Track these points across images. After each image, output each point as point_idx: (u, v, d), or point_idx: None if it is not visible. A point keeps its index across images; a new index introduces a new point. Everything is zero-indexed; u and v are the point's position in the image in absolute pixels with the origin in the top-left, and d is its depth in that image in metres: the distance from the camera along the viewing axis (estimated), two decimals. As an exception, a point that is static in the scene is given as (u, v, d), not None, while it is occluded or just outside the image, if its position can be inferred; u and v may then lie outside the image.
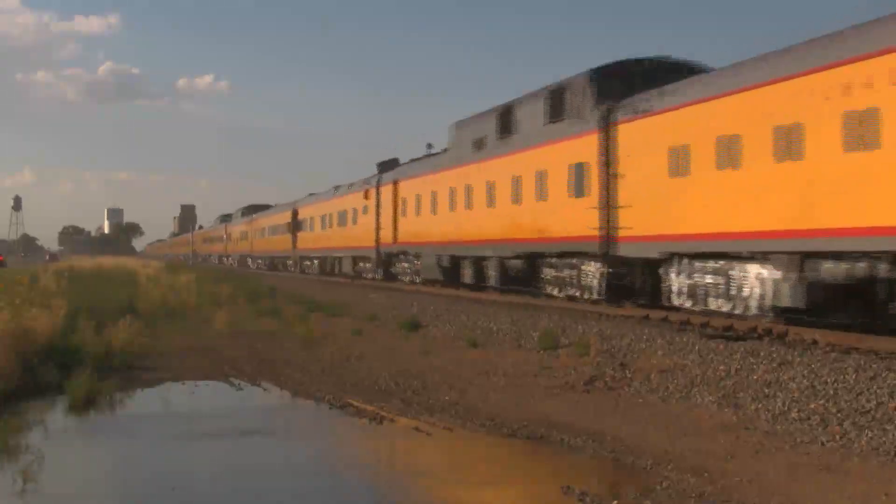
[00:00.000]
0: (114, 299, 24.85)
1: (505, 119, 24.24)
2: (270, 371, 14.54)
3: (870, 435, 8.46)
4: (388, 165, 37.74)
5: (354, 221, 40.19)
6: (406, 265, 34.07)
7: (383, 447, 9.92)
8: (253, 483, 8.11)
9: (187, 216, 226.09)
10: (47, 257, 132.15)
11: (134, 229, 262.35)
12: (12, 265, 79.84)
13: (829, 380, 10.19)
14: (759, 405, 9.93)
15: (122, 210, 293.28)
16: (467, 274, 27.24)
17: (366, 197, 37.83)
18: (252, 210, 77.60)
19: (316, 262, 51.04)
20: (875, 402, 9.19)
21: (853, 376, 10.18)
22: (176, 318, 22.82)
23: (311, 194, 54.90)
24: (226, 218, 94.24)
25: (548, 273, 22.36)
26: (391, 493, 8.01)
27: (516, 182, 23.14)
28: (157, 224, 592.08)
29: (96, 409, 11.45)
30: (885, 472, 7.63)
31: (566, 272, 21.41)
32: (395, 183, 33.81)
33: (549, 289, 22.30)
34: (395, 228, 33.63)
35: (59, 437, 10.16)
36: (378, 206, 35.97)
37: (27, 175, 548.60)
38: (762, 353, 11.95)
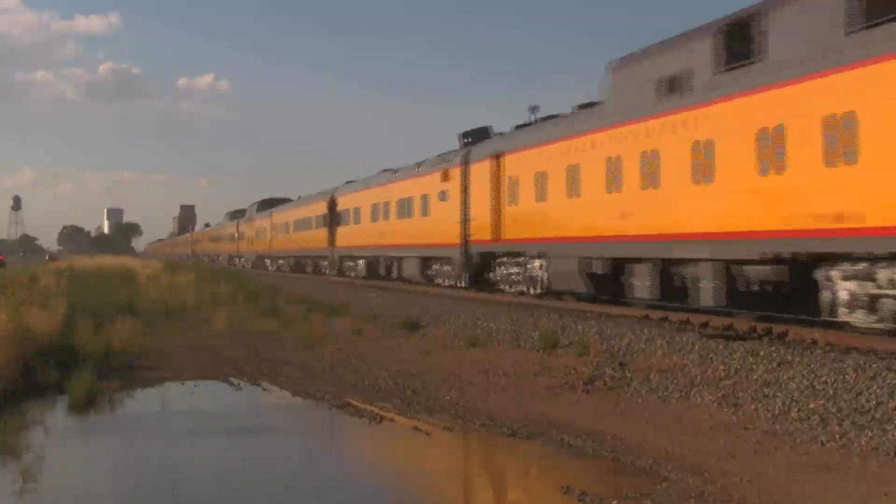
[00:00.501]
0: (114, 299, 24.91)
1: (735, 39, 15.54)
2: (270, 371, 14.55)
3: (870, 435, 8.47)
4: (477, 136, 29.34)
5: (425, 211, 31.29)
6: (515, 271, 24.93)
7: (383, 447, 9.92)
8: (253, 482, 8.11)
9: (187, 216, 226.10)
10: (47, 257, 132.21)
11: (133, 229, 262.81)
12: (12, 265, 79.75)
13: (828, 380, 10.19)
14: (759, 405, 9.94)
15: (122, 210, 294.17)
16: (641, 285, 18.32)
17: (444, 179, 29.17)
18: (269, 204, 67.95)
19: (362, 262, 41.26)
20: (875, 402, 9.20)
21: (853, 376, 10.18)
22: (176, 317, 22.84)
23: (349, 182, 45.75)
24: (237, 214, 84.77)
25: (842, 287, 13.59)
26: (390, 493, 8.02)
27: (766, 140, 14.47)
28: (156, 224, 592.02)
29: (96, 409, 11.46)
30: (885, 471, 7.64)
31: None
32: (497, 157, 25.18)
33: (842, 313, 13.56)
34: (496, 220, 25.12)
35: (59, 437, 10.18)
36: (465, 189, 27.46)
37: (27, 175, 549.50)
38: (762, 353, 11.95)
